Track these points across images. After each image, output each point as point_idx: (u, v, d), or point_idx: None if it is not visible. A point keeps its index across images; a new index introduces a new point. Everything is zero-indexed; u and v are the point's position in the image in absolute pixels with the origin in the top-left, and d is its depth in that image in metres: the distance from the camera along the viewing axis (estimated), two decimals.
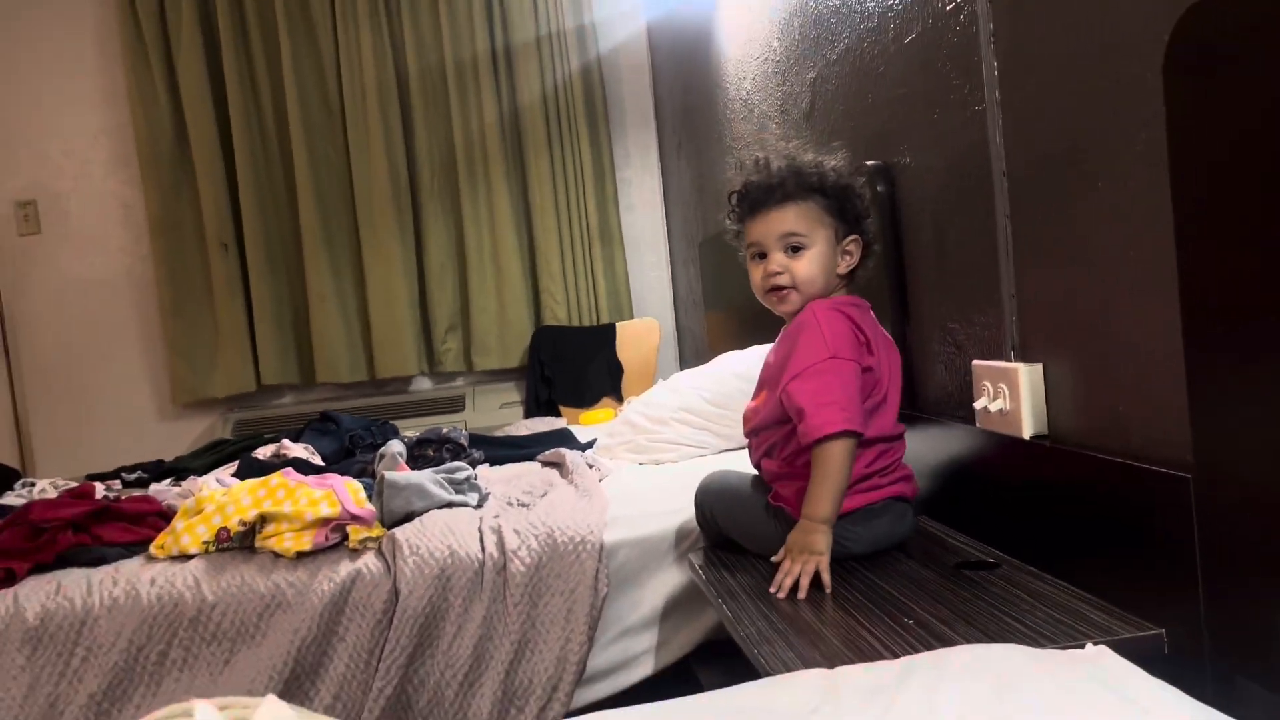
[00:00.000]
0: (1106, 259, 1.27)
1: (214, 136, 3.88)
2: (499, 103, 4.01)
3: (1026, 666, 1.00)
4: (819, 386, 1.52)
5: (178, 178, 3.92)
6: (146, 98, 3.88)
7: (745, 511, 1.69)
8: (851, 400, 1.51)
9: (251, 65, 3.92)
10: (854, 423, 1.49)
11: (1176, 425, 1.16)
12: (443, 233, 4.04)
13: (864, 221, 1.65)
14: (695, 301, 3.82)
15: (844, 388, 1.51)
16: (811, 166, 1.64)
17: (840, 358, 1.52)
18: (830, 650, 1.23)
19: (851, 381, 1.52)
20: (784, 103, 2.49)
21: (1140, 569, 1.23)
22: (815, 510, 1.50)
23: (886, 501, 1.59)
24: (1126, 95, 1.20)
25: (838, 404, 1.49)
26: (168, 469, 3.05)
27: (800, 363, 1.55)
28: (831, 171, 1.64)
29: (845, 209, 1.63)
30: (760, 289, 1.67)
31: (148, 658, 1.76)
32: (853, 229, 1.64)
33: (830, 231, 1.62)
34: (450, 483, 2.12)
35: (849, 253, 1.64)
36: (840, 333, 1.55)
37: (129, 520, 2.07)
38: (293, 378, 4.02)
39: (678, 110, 3.83)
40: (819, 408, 1.50)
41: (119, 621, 1.76)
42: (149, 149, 3.89)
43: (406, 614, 1.78)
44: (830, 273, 1.63)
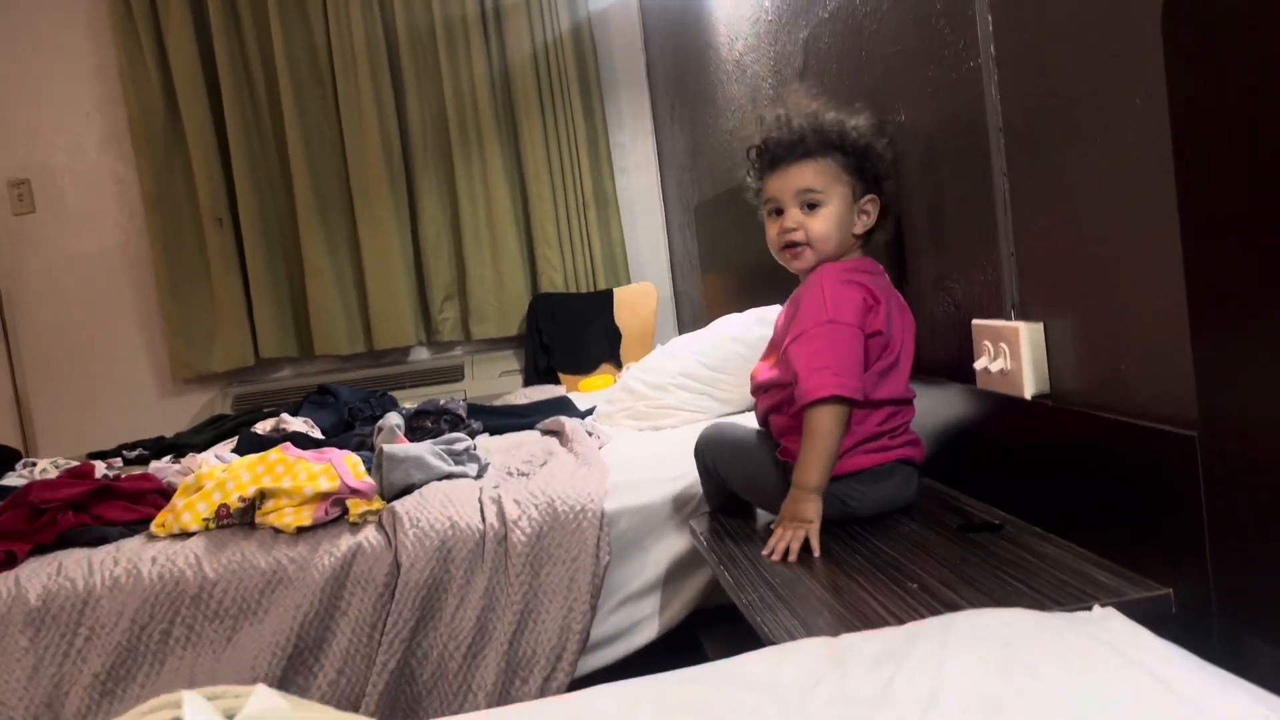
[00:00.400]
0: (1107, 214, 1.24)
1: (205, 110, 3.85)
2: (489, 65, 3.96)
3: (1033, 631, 0.99)
4: (814, 350, 1.51)
5: (171, 153, 3.89)
6: (137, 73, 3.84)
7: (751, 464, 1.67)
8: (845, 364, 1.49)
9: (241, 35, 3.87)
10: (847, 388, 1.47)
11: (1181, 383, 1.14)
12: (437, 202, 4.01)
13: (884, 182, 1.63)
14: (692, 265, 3.79)
15: (838, 352, 1.50)
16: (833, 124, 1.61)
17: (838, 322, 1.51)
18: (834, 617, 1.23)
19: (847, 346, 1.50)
20: (776, 63, 2.45)
21: (1146, 529, 1.22)
22: (804, 479, 1.49)
23: (894, 464, 1.58)
24: (1124, 45, 1.17)
25: (830, 368, 1.48)
26: (168, 445, 3.05)
27: (800, 325, 1.54)
28: (853, 130, 1.61)
29: (865, 168, 1.61)
30: (775, 245, 1.64)
31: (151, 637, 1.76)
32: (871, 189, 1.62)
33: (848, 190, 1.60)
34: (449, 454, 2.11)
35: (866, 212, 1.61)
36: (843, 297, 1.53)
37: (129, 499, 2.07)
38: (291, 351, 4.01)
39: (670, 73, 3.78)
40: (811, 372, 1.49)
41: (121, 601, 1.76)
42: (141, 125, 3.86)
43: (408, 587, 1.78)
44: (846, 231, 1.60)
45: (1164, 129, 1.10)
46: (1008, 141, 1.44)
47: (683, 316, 4.17)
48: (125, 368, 4.04)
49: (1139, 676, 0.90)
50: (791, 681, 0.97)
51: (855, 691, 0.93)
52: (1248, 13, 0.96)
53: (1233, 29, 0.98)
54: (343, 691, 1.75)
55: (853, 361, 1.50)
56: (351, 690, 1.76)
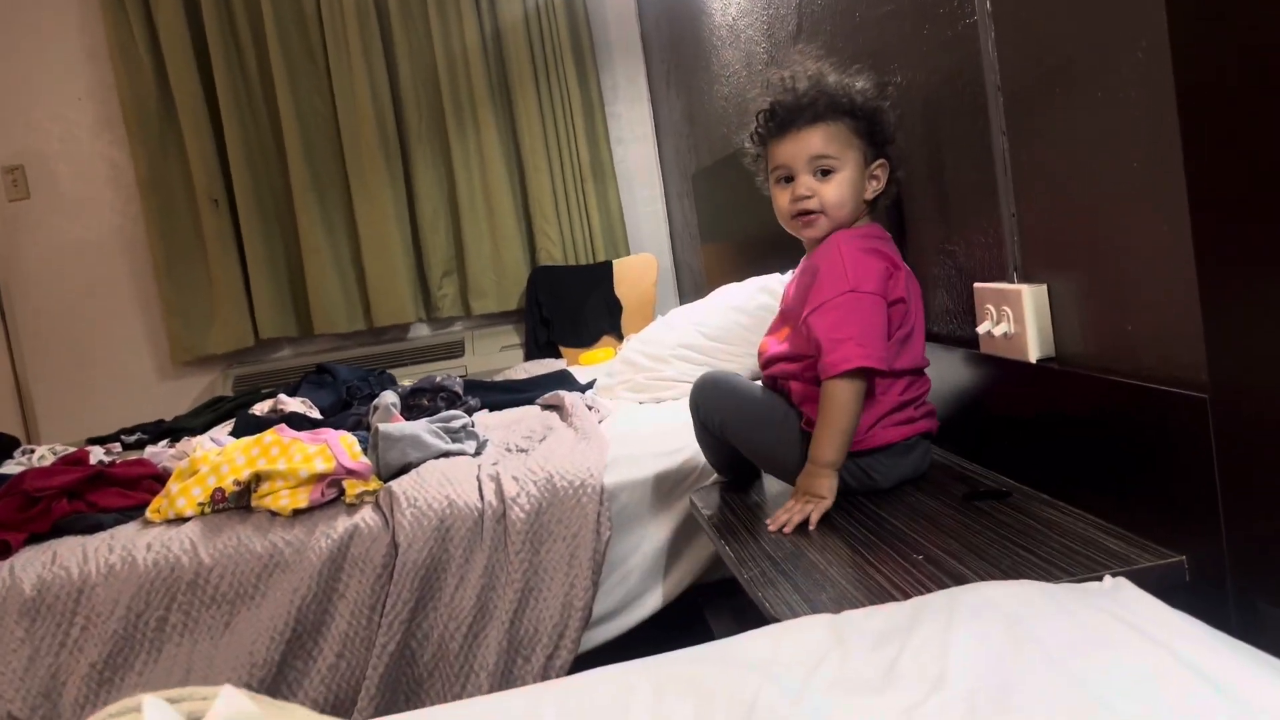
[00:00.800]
0: (1110, 172, 1.20)
1: (198, 90, 3.81)
2: (481, 32, 3.91)
3: (1041, 605, 0.96)
4: (837, 320, 1.46)
5: (164, 135, 3.86)
6: (128, 56, 3.80)
7: (770, 432, 1.58)
8: (868, 334, 1.45)
9: (231, 12, 3.82)
10: (873, 359, 1.43)
11: (1190, 344, 1.10)
12: (433, 177, 3.96)
13: (889, 146, 1.58)
14: (691, 235, 3.75)
15: (862, 321, 1.45)
16: (840, 87, 1.56)
17: (860, 291, 1.46)
18: (837, 592, 1.20)
19: (872, 315, 1.46)
20: (770, 26, 2.39)
21: (1157, 494, 1.18)
22: (821, 455, 1.46)
23: (917, 438, 1.55)
24: None
25: (854, 339, 1.44)
26: (167, 429, 3.03)
27: (819, 295, 1.49)
28: (859, 93, 1.56)
29: (874, 131, 1.56)
30: (786, 214, 1.58)
31: (147, 624, 1.74)
32: (881, 153, 1.57)
33: (859, 154, 1.55)
34: (446, 431, 2.08)
35: (876, 177, 1.57)
36: (863, 265, 1.48)
37: (124, 485, 2.04)
38: (290, 330, 3.99)
39: (664, 39, 3.72)
40: (836, 343, 1.44)
41: (116, 589, 1.74)
42: (134, 108, 3.82)
43: (407, 567, 1.76)
44: (858, 198, 1.56)
45: (1168, 82, 1.05)
46: (1006, 100, 1.40)
47: (683, 287, 4.13)
48: (124, 352, 4.02)
49: (1152, 650, 0.87)
50: (793, 662, 0.94)
51: (858, 672, 0.90)
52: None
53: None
54: (342, 675, 1.74)
55: (876, 331, 1.46)
56: (351, 674, 1.74)
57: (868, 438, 1.51)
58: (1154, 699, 0.79)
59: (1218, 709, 0.77)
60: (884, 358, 1.45)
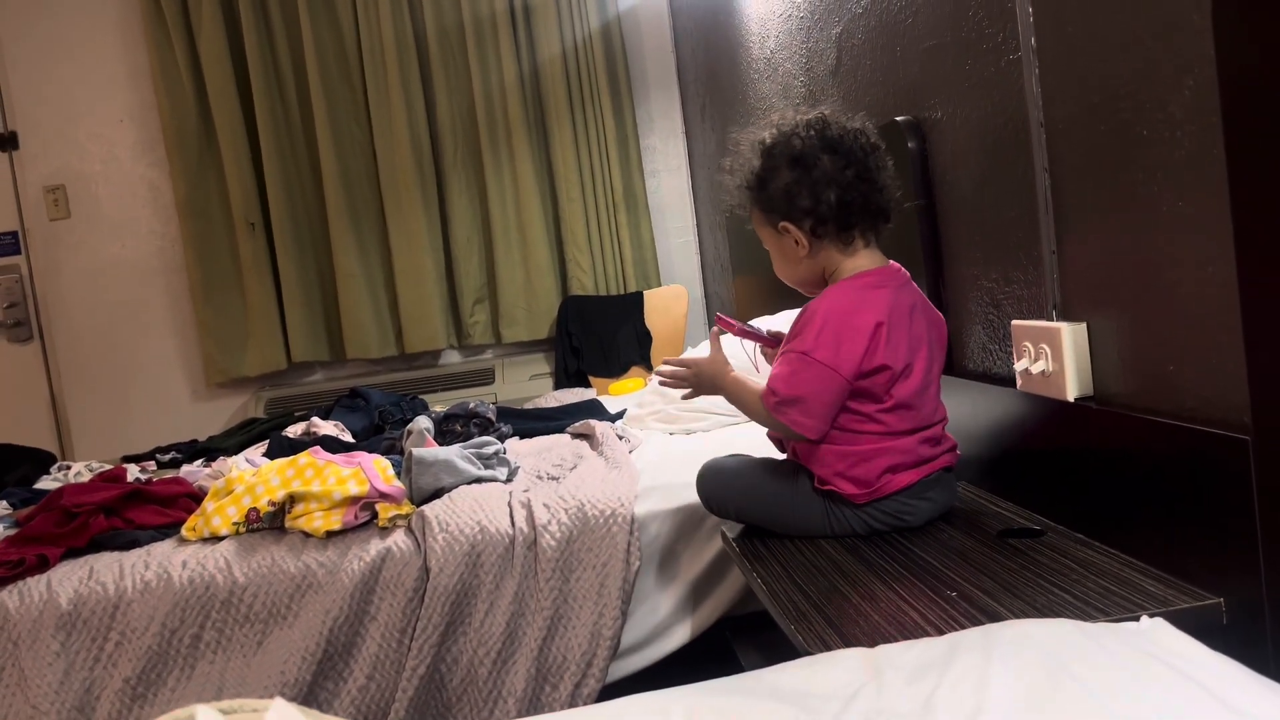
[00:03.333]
0: (1153, 211, 1.20)
1: (238, 115, 3.87)
2: (519, 65, 3.95)
3: (1079, 642, 0.95)
4: (790, 377, 1.48)
5: (203, 158, 3.91)
6: (170, 79, 3.86)
7: (785, 505, 1.57)
8: (814, 406, 1.46)
9: (272, 38, 3.89)
10: (814, 432, 1.48)
11: (1233, 385, 1.10)
12: (467, 204, 4.00)
13: (782, 200, 1.49)
14: (723, 267, 3.76)
15: (809, 389, 1.46)
16: (747, 162, 1.54)
17: (810, 359, 1.45)
18: (870, 626, 1.19)
19: (819, 385, 1.45)
20: (809, 60, 2.41)
21: (1196, 536, 1.17)
22: (733, 390, 1.59)
23: (938, 474, 1.54)
24: (1172, 37, 1.13)
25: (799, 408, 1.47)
26: (201, 449, 3.06)
27: (789, 343, 1.53)
28: (757, 157, 1.52)
29: (764, 199, 1.52)
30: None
31: (181, 641, 1.75)
32: (782, 215, 1.50)
33: (770, 229, 1.54)
34: (479, 457, 2.09)
35: (790, 234, 1.50)
36: (832, 334, 1.45)
37: (160, 503, 2.07)
38: (323, 355, 4.02)
39: (701, 72, 3.76)
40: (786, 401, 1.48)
41: (151, 605, 1.76)
42: (174, 130, 3.88)
43: (438, 592, 1.77)
44: (798, 265, 1.54)
45: (1216, 121, 1.06)
46: (1049, 137, 1.40)
47: (714, 319, 4.14)
48: (159, 371, 4.06)
49: (1191, 690, 0.86)
50: (827, 694, 0.93)
51: (893, 705, 0.90)
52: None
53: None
54: (372, 698, 1.74)
55: (823, 403, 1.47)
56: (381, 696, 1.75)
57: (883, 484, 1.49)
58: None
59: None
60: (823, 430, 1.48)
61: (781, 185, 1.49)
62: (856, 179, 1.47)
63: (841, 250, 1.51)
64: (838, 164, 1.47)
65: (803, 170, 1.47)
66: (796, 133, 1.49)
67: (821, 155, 1.47)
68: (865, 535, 1.51)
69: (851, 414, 1.49)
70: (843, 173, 1.46)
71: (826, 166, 1.46)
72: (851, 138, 1.48)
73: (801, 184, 1.47)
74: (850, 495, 1.50)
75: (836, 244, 1.50)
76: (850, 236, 1.50)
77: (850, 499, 1.50)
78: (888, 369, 1.46)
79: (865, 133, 1.50)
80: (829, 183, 1.46)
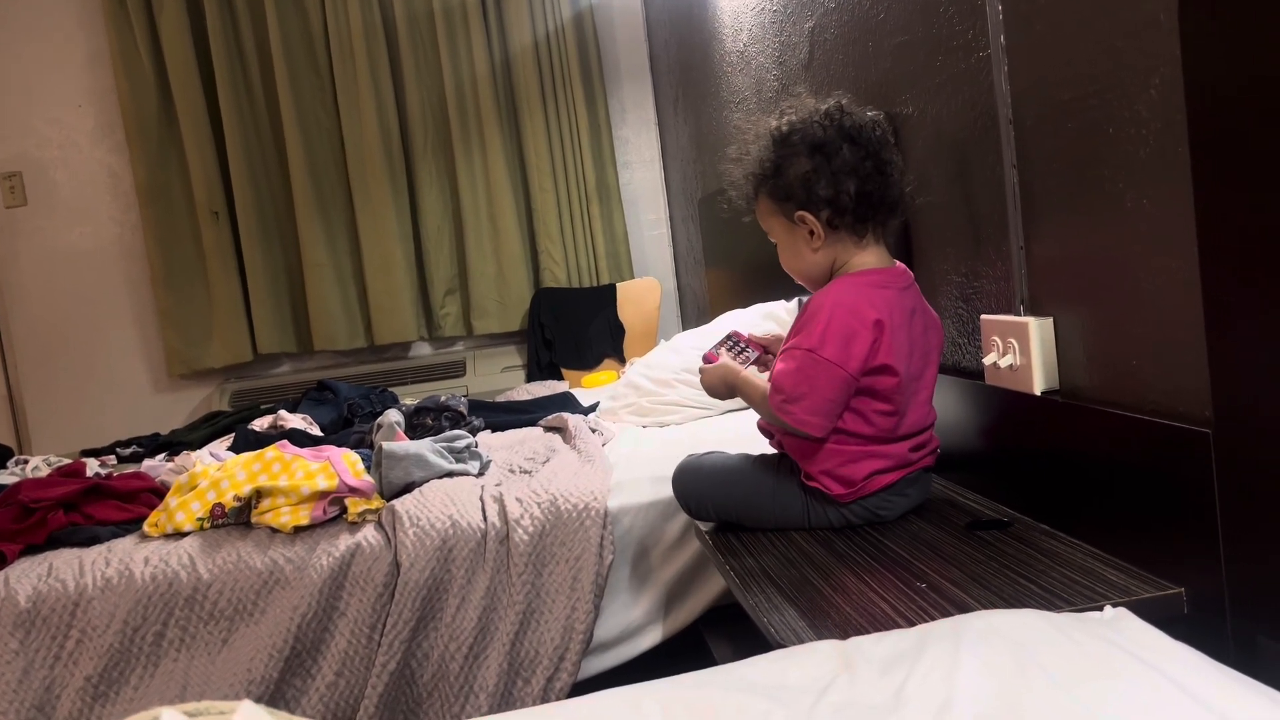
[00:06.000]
0: (1119, 208, 1.22)
1: (200, 100, 3.81)
2: (490, 54, 3.93)
3: (1046, 633, 0.97)
4: (795, 375, 1.45)
5: (165, 144, 3.86)
6: (130, 62, 3.80)
7: (766, 501, 1.56)
8: (819, 404, 1.44)
9: (236, 23, 3.83)
10: (820, 430, 1.46)
11: (1195, 379, 1.11)
12: (437, 194, 3.97)
13: (800, 188, 1.45)
14: (696, 260, 3.76)
15: (813, 385, 1.44)
16: (756, 155, 1.50)
17: (817, 355, 1.42)
18: (842, 618, 1.20)
19: (827, 384, 1.43)
20: (782, 54, 2.42)
21: (1158, 527, 1.19)
22: (745, 390, 1.56)
23: (919, 473, 1.54)
24: (1139, 37, 1.14)
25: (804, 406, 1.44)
26: (163, 443, 3.02)
27: (793, 338, 1.49)
28: (771, 145, 1.48)
29: (779, 188, 1.48)
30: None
31: (144, 639, 1.73)
32: (800, 204, 1.46)
33: (782, 219, 1.50)
34: (450, 451, 2.08)
35: (806, 224, 1.47)
36: (838, 329, 1.42)
37: (121, 498, 2.04)
38: (290, 346, 3.98)
39: (673, 65, 3.75)
40: (791, 400, 1.45)
41: (113, 602, 1.73)
42: (134, 115, 3.81)
43: (408, 587, 1.76)
44: (810, 257, 1.49)
45: (1181, 120, 1.07)
46: (1017, 134, 1.42)
47: (686, 311, 4.15)
48: (120, 363, 4.00)
49: (1155, 680, 0.87)
50: (801, 687, 0.94)
51: (865, 697, 0.90)
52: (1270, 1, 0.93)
53: (1253, 16, 0.95)
54: (341, 694, 1.73)
55: (827, 400, 1.44)
56: (350, 693, 1.73)
57: (866, 485, 1.49)
58: None
59: None
60: (828, 427, 1.46)
61: (800, 173, 1.45)
62: (875, 171, 1.44)
63: (855, 243, 1.48)
64: (857, 154, 1.44)
65: (823, 158, 1.44)
66: (816, 120, 1.46)
67: (842, 144, 1.44)
68: (839, 528, 1.52)
69: (852, 412, 1.47)
70: (863, 164, 1.43)
71: (847, 156, 1.43)
72: (869, 129, 1.46)
73: (821, 172, 1.44)
74: (836, 495, 1.50)
75: (851, 236, 1.48)
76: (865, 230, 1.47)
77: (836, 498, 1.50)
78: (892, 370, 1.44)
79: (880, 124, 1.48)
80: (849, 173, 1.43)
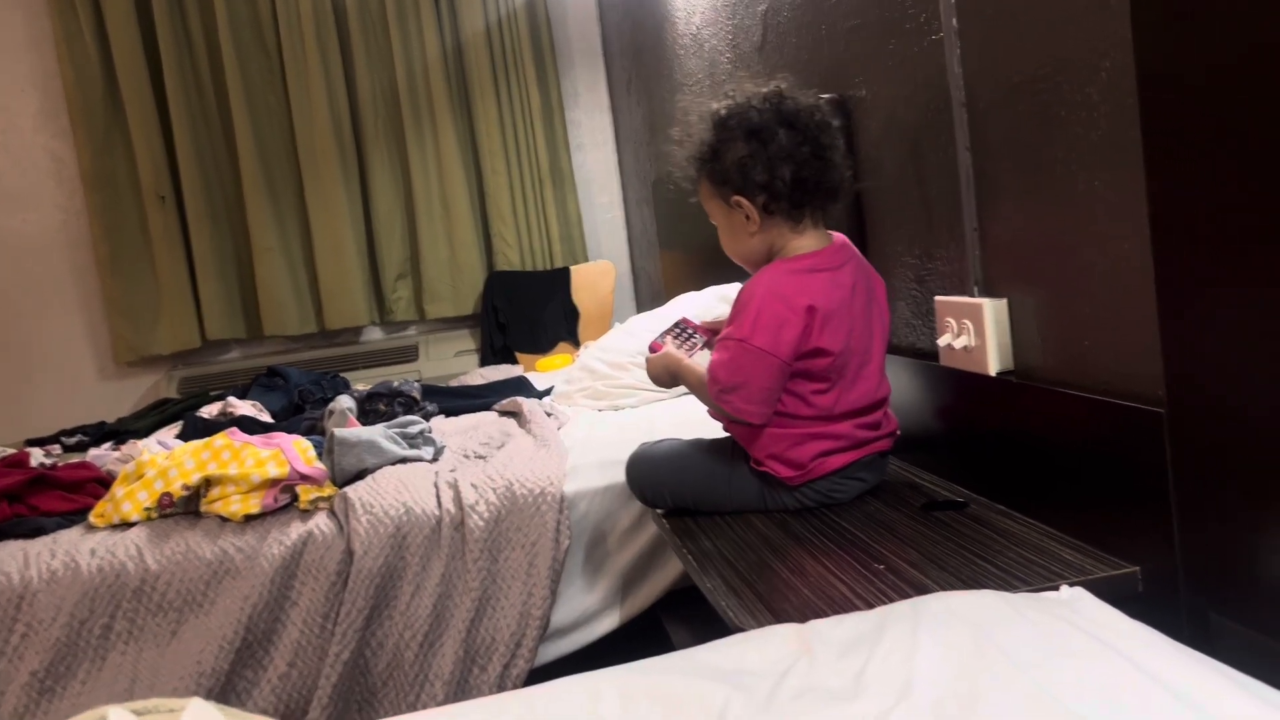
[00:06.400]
0: (1071, 190, 1.22)
1: (146, 83, 3.72)
2: (441, 35, 3.87)
3: (1003, 614, 0.97)
4: (730, 364, 1.45)
5: (110, 128, 3.76)
6: (74, 45, 3.69)
7: (721, 488, 1.56)
8: (754, 392, 1.44)
9: (182, 4, 3.74)
10: (758, 418, 1.46)
11: (1148, 359, 1.12)
12: (389, 177, 3.92)
13: (736, 173, 1.45)
14: (650, 242, 3.75)
15: (747, 374, 1.44)
16: (700, 133, 1.49)
17: (749, 345, 1.42)
18: (800, 600, 1.20)
19: (759, 371, 1.43)
20: (735, 37, 2.41)
21: (1112, 506, 1.21)
22: (689, 379, 1.55)
23: (873, 457, 1.54)
24: (1090, 19, 1.14)
25: (740, 395, 1.45)
26: (110, 431, 2.96)
27: (729, 327, 1.48)
28: (711, 128, 1.48)
29: (717, 172, 1.48)
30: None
31: (91, 632, 1.69)
32: (736, 188, 1.46)
33: (720, 202, 1.50)
34: (403, 437, 2.06)
35: (742, 208, 1.47)
36: (769, 318, 1.42)
37: (66, 488, 1.99)
38: (239, 332, 3.91)
39: (626, 47, 3.73)
40: (729, 389, 1.46)
41: (59, 595, 1.69)
42: (79, 99, 3.71)
43: (362, 575, 1.73)
44: (747, 241, 1.49)
45: (1132, 102, 1.08)
46: (971, 116, 1.42)
47: (641, 294, 4.13)
48: (66, 351, 3.91)
49: (1112, 659, 0.88)
50: (761, 671, 0.94)
51: (825, 682, 0.90)
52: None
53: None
54: (294, 685, 1.71)
55: (762, 387, 1.44)
56: (303, 683, 1.71)
57: (815, 467, 1.49)
58: (1116, 707, 0.81)
59: (1177, 717, 0.79)
60: (768, 414, 1.46)
61: (736, 158, 1.44)
62: (812, 156, 1.43)
63: (791, 228, 1.47)
64: (794, 139, 1.42)
65: (759, 144, 1.43)
66: (754, 105, 1.45)
67: (778, 129, 1.43)
68: (795, 511, 1.53)
69: (789, 395, 1.47)
70: (799, 149, 1.42)
71: (783, 141, 1.42)
72: (807, 114, 1.45)
73: (757, 158, 1.43)
74: (785, 478, 1.50)
75: (787, 221, 1.47)
76: (801, 214, 1.46)
77: (785, 480, 1.51)
78: (825, 352, 1.43)
79: (820, 109, 1.47)
80: (785, 158, 1.42)
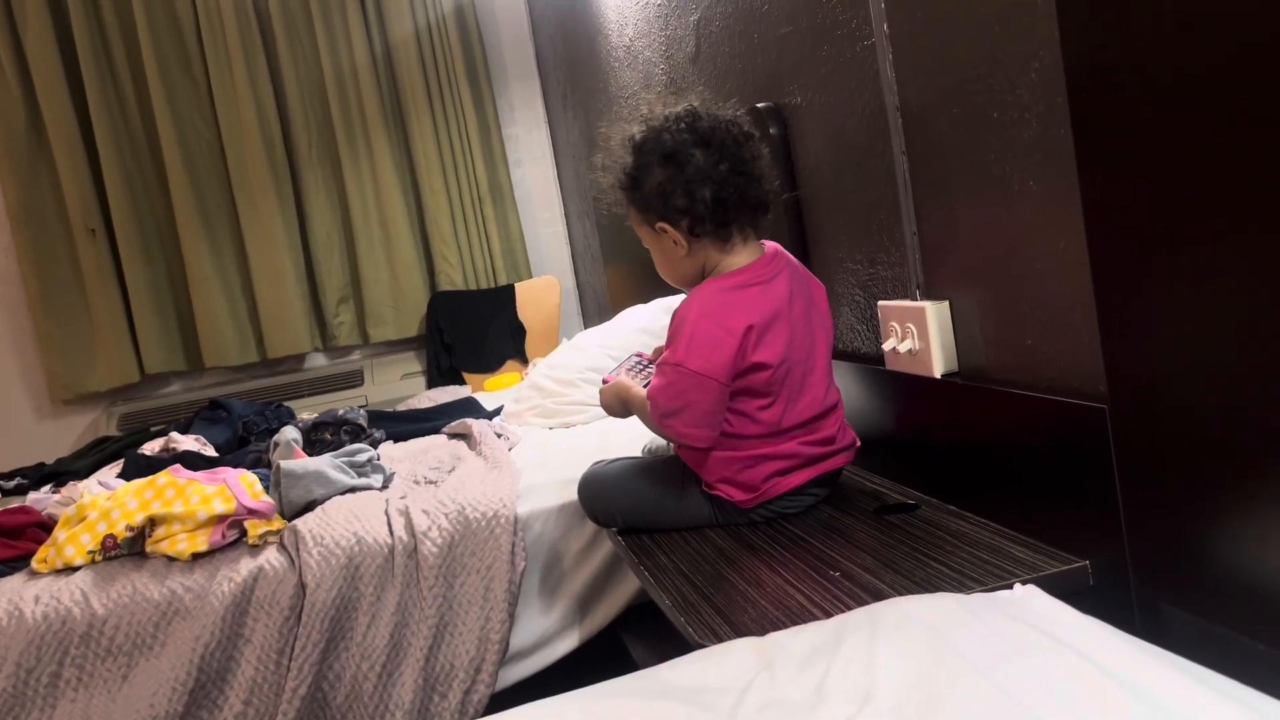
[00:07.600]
0: (1006, 191, 1.24)
1: (70, 114, 3.63)
2: (371, 50, 3.84)
3: (958, 616, 0.98)
4: (668, 390, 1.45)
5: (35, 162, 3.67)
6: None
7: (671, 508, 1.55)
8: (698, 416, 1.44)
9: (103, 30, 3.66)
10: (703, 441, 1.46)
11: (1089, 356, 1.14)
12: (325, 201, 3.87)
13: (657, 200, 1.43)
14: (594, 256, 3.74)
15: (686, 399, 1.43)
16: (620, 159, 1.48)
17: (684, 368, 1.41)
18: (758, 612, 1.20)
19: (697, 394, 1.42)
20: (669, 48, 2.42)
21: (1061, 502, 1.22)
22: (639, 407, 1.54)
23: (827, 475, 1.53)
24: (1017, 20, 1.16)
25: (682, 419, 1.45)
26: (49, 473, 2.88)
27: (669, 349, 1.47)
28: (630, 153, 1.46)
29: (639, 199, 1.47)
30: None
31: (39, 680, 1.64)
32: (659, 214, 1.44)
33: (648, 228, 1.48)
34: (351, 466, 2.03)
35: (668, 234, 1.45)
36: (702, 340, 1.41)
37: (6, 535, 1.93)
38: (179, 365, 3.83)
39: (560, 61, 3.72)
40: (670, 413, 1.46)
41: (3, 645, 1.64)
42: (1, 135, 3.62)
43: (315, 608, 1.70)
44: (679, 264, 1.48)
45: (1062, 102, 1.10)
46: (906, 120, 1.43)
47: (587, 309, 4.13)
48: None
49: (1068, 656, 0.89)
50: (721, 688, 0.94)
51: (786, 694, 0.90)
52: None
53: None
54: None
55: (704, 410, 1.43)
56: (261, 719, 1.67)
57: (768, 489, 1.49)
58: (1073, 704, 0.82)
59: (1133, 711, 0.80)
60: (712, 436, 1.46)
61: (655, 184, 1.43)
62: (731, 173, 1.41)
63: (719, 248, 1.46)
64: (711, 159, 1.41)
65: (675, 168, 1.41)
66: (666, 128, 1.43)
67: (694, 151, 1.41)
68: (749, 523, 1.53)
69: (734, 414, 1.46)
70: (716, 168, 1.40)
71: (699, 162, 1.40)
72: (724, 129, 1.43)
73: (675, 182, 1.41)
74: (739, 502, 1.50)
75: (715, 242, 1.45)
76: (728, 233, 1.44)
77: (739, 505, 1.50)
78: (764, 366, 1.42)
79: (737, 123, 1.45)
80: (703, 179, 1.40)
